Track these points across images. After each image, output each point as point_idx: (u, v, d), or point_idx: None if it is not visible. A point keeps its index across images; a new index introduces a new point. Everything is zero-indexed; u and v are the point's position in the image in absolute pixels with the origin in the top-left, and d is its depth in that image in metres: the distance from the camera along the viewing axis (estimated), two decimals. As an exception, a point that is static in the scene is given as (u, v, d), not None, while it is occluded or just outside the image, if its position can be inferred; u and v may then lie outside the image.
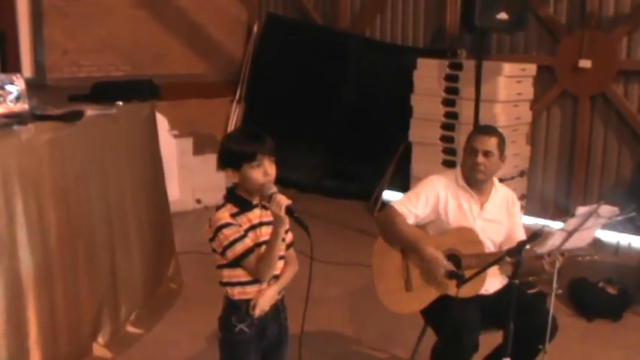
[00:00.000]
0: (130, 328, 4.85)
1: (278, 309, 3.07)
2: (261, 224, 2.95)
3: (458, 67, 7.14)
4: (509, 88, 6.96)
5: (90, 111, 4.52)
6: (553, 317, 3.47)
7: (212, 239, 2.91)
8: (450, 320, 3.43)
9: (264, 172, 2.85)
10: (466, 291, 3.47)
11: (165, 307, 5.29)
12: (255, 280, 2.95)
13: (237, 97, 9.44)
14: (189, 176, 8.08)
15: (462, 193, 3.83)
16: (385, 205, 3.96)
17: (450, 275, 3.55)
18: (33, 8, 7.53)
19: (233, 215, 2.90)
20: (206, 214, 8.05)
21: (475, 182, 3.80)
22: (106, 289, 4.66)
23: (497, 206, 3.87)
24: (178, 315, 5.22)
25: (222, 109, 9.39)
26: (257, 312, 2.95)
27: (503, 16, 6.25)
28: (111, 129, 4.77)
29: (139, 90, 5.34)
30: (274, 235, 2.82)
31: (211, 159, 8.55)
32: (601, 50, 7.00)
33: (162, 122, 7.13)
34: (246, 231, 2.90)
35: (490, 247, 3.80)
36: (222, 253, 2.89)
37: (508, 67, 6.92)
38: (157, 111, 5.85)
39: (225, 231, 2.85)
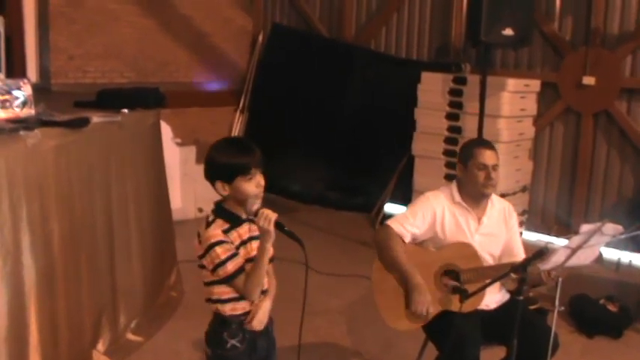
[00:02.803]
0: (130, 336, 4.85)
1: (267, 322, 3.05)
2: (250, 239, 2.93)
3: (462, 81, 7.15)
4: (513, 104, 6.97)
5: (96, 118, 4.52)
6: (554, 334, 3.48)
7: (202, 256, 2.87)
8: (452, 335, 3.43)
9: (256, 184, 2.83)
10: (466, 306, 3.48)
11: (166, 316, 5.28)
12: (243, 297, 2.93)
13: (240, 106, 9.45)
14: (191, 185, 8.08)
15: (458, 209, 3.84)
16: (386, 218, 3.97)
17: (454, 290, 3.56)
18: (39, 13, 7.53)
19: (225, 232, 2.86)
20: (207, 223, 8.08)
21: (481, 197, 3.81)
22: (107, 297, 4.66)
23: (494, 220, 3.88)
24: (179, 324, 5.21)
25: (226, 119, 9.41)
26: (256, 326, 2.95)
27: (508, 31, 6.27)
28: (116, 136, 4.78)
29: (145, 98, 5.35)
30: (262, 250, 2.81)
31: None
32: (605, 67, 7.02)
33: (165, 130, 7.13)
34: (238, 247, 2.88)
35: (489, 261, 3.81)
36: (214, 271, 2.85)
37: (512, 83, 6.94)
38: (161, 119, 5.86)
39: (218, 249, 2.82)
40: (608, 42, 7.06)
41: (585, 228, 3.18)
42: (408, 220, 3.80)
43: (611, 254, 6.79)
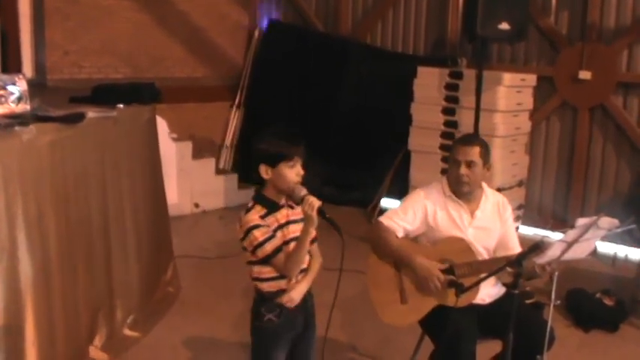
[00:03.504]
0: (127, 332, 4.85)
1: (305, 299, 3.29)
2: (288, 223, 3.17)
3: (458, 76, 7.15)
4: (509, 98, 6.97)
5: (91, 113, 4.51)
6: (550, 328, 3.48)
7: (243, 239, 3.10)
8: (448, 329, 3.44)
9: (297, 172, 3.10)
10: (462, 300, 3.49)
11: (163, 311, 5.29)
12: (282, 276, 3.16)
13: (236, 101, 9.42)
14: (187, 180, 8.07)
15: (450, 202, 3.84)
16: (383, 213, 3.98)
17: (450, 284, 3.57)
18: (35, 9, 7.51)
19: (262, 217, 3.09)
20: (204, 219, 8.11)
21: (461, 194, 3.81)
22: (104, 292, 4.66)
23: (488, 213, 3.88)
24: (175, 319, 5.21)
25: (222, 114, 9.38)
26: (288, 303, 3.18)
27: (504, 26, 6.26)
28: (111, 132, 4.78)
29: (140, 93, 5.34)
30: (305, 233, 3.05)
31: (210, 163, 8.57)
32: (601, 62, 7.02)
33: (161, 125, 7.13)
34: (275, 231, 3.11)
35: (484, 254, 3.81)
36: (253, 252, 3.09)
37: (508, 77, 6.93)
38: (157, 114, 5.85)
39: (255, 232, 3.05)
40: (605, 36, 7.06)
41: (581, 222, 3.18)
42: (399, 216, 3.81)
43: (607, 248, 6.80)
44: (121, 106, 4.96)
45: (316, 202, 3.01)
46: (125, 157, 4.96)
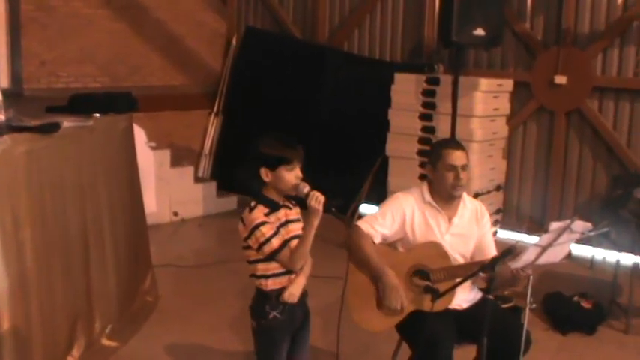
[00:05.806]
0: (106, 342, 4.83)
1: (302, 294, 3.44)
2: (287, 222, 3.35)
3: (435, 82, 7.18)
4: (486, 103, 7.01)
5: (67, 123, 4.49)
6: (527, 331, 3.50)
7: (247, 237, 3.25)
8: (425, 335, 3.45)
9: (295, 175, 3.28)
10: (438, 305, 3.50)
11: (141, 321, 5.27)
12: (287, 272, 3.33)
13: (215, 109, 9.42)
14: (166, 189, 8.05)
15: (428, 209, 3.85)
16: (361, 218, 3.98)
17: (426, 289, 3.58)
18: (11, 18, 7.48)
19: (266, 215, 3.26)
20: (183, 227, 8.09)
21: (451, 198, 3.82)
22: (81, 302, 4.64)
23: (466, 220, 3.89)
24: (154, 328, 5.20)
25: (200, 122, 9.38)
26: (290, 298, 3.34)
27: (479, 32, 6.30)
28: (88, 141, 4.76)
29: (117, 102, 5.33)
30: (310, 226, 3.23)
31: (189, 171, 8.55)
32: (576, 66, 7.09)
33: (139, 134, 7.11)
34: (278, 228, 3.27)
35: (460, 261, 3.82)
36: (259, 249, 3.24)
37: (485, 83, 6.97)
38: (135, 123, 5.83)
39: (262, 228, 3.21)
40: (580, 41, 7.12)
41: (555, 226, 3.20)
42: (377, 221, 3.81)
43: (584, 251, 6.85)
44: (98, 115, 4.95)
45: (322, 197, 3.21)
46: (102, 167, 4.95)
